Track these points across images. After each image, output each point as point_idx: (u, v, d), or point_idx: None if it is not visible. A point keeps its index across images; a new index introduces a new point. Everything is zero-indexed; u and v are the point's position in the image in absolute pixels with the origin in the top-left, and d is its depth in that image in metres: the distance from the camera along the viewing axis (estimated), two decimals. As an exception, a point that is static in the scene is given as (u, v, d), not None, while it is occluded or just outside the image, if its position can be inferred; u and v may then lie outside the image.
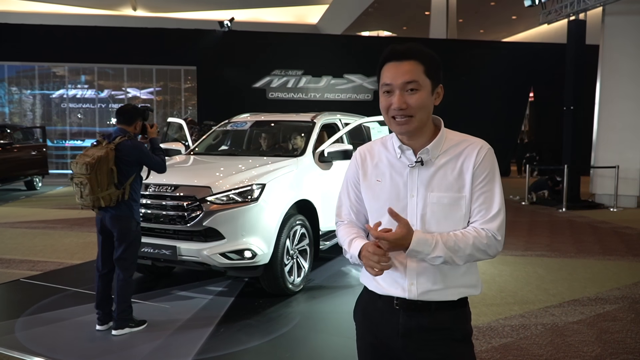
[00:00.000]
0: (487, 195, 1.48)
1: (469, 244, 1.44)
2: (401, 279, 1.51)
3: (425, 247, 1.42)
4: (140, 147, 3.70)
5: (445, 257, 1.43)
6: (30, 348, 3.42)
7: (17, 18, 18.04)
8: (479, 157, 1.49)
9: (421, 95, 1.45)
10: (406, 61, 1.45)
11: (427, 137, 1.52)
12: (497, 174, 1.52)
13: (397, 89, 1.45)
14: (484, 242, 1.46)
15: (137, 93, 16.62)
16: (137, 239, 3.75)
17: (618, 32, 10.59)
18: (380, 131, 6.54)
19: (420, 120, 1.48)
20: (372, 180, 1.58)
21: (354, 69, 16.32)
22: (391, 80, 1.46)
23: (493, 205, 1.48)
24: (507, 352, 3.42)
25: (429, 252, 1.42)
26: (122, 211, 3.63)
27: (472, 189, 1.48)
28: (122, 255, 3.65)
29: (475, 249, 1.45)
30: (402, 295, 1.51)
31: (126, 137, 3.67)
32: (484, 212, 1.48)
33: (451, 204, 1.48)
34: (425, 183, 1.50)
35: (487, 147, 1.52)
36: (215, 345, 3.49)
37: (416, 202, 1.50)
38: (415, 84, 1.44)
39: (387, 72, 1.48)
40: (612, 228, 8.21)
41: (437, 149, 1.50)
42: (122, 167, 3.59)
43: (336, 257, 5.82)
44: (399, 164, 1.54)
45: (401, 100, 1.45)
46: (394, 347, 1.54)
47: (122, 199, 3.61)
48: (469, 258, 1.46)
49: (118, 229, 3.64)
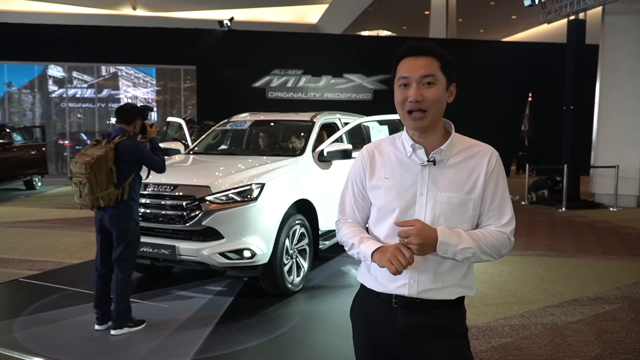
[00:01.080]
0: (500, 201, 1.54)
1: (489, 240, 1.49)
2: (402, 276, 1.51)
3: (452, 237, 1.43)
4: (139, 147, 3.68)
5: (475, 249, 1.45)
6: (28, 348, 3.41)
7: (17, 17, 18.02)
8: (490, 163, 1.53)
9: (437, 90, 1.49)
10: (423, 57, 1.49)
11: (438, 137, 1.55)
12: (505, 180, 1.57)
13: (414, 81, 1.48)
14: (500, 242, 1.51)
15: (136, 92, 16.61)
16: (136, 238, 3.73)
17: (618, 32, 10.58)
18: (380, 130, 6.52)
19: (434, 116, 1.50)
20: (380, 178, 1.58)
21: (354, 68, 16.31)
22: (409, 73, 1.49)
23: (506, 210, 1.54)
24: (507, 351, 3.41)
25: (457, 243, 1.43)
26: (121, 211, 3.62)
27: (482, 193, 1.52)
28: (121, 255, 3.64)
29: (493, 247, 1.50)
30: (401, 292, 1.52)
31: (126, 136, 3.66)
32: (499, 217, 1.54)
33: (460, 205, 1.50)
34: (436, 182, 1.51)
35: (496, 153, 1.57)
36: (215, 345, 3.49)
37: (425, 201, 1.51)
38: (432, 78, 1.48)
39: (404, 66, 1.51)
40: (612, 227, 8.21)
41: (449, 150, 1.54)
42: (121, 166, 3.57)
43: (335, 257, 5.81)
44: (409, 162, 1.55)
45: (418, 93, 1.47)
46: (392, 345, 1.55)
47: (121, 198, 3.59)
48: (490, 254, 1.50)
49: (117, 229, 3.63)
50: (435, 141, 1.54)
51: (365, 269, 1.63)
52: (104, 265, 3.74)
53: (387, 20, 22.35)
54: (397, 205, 1.53)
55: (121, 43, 15.45)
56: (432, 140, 1.54)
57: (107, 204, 3.55)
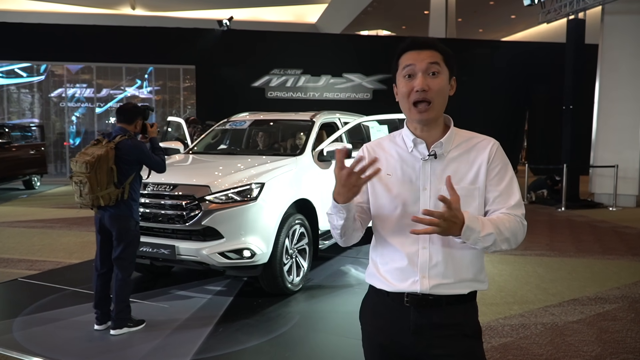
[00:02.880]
0: (506, 185, 1.51)
1: (507, 225, 1.45)
2: (412, 273, 1.49)
3: (476, 224, 1.39)
4: (140, 147, 3.68)
5: (495, 235, 1.41)
6: (28, 348, 3.41)
7: (16, 17, 18.00)
8: (492, 151, 1.53)
9: (442, 80, 1.49)
10: (426, 50, 1.50)
11: (438, 131, 1.55)
12: (510, 166, 1.55)
13: (419, 71, 1.48)
14: (516, 226, 1.47)
15: (136, 92, 16.60)
16: (135, 238, 3.72)
17: (617, 31, 10.59)
18: (380, 130, 6.52)
19: (438, 108, 1.50)
20: (383, 175, 1.56)
21: (353, 68, 16.31)
22: (414, 61, 1.49)
23: (514, 194, 1.52)
24: (507, 351, 3.41)
25: (480, 230, 1.39)
26: (121, 210, 3.61)
27: (486, 181, 1.51)
28: (121, 254, 3.63)
29: (512, 232, 1.46)
30: (413, 289, 1.49)
31: (126, 136, 3.65)
32: (506, 201, 1.50)
33: (465, 195, 1.47)
34: (439, 176, 1.51)
35: (497, 143, 1.56)
36: (214, 345, 3.48)
37: (429, 195, 1.50)
38: (437, 67, 1.49)
39: (409, 56, 1.51)
40: (611, 227, 8.21)
41: (449, 143, 1.53)
42: (122, 166, 3.57)
43: (335, 257, 5.81)
44: (410, 157, 1.55)
45: (424, 82, 1.47)
46: (405, 346, 1.52)
47: (122, 198, 3.59)
48: (508, 240, 1.45)
49: (117, 229, 3.62)
50: (436, 135, 1.54)
51: (373, 270, 1.60)
52: (104, 265, 3.73)
53: (386, 20, 22.35)
54: (400, 201, 1.52)
55: (120, 42, 15.44)
56: (433, 134, 1.54)
57: (107, 204, 3.54)
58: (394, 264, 1.53)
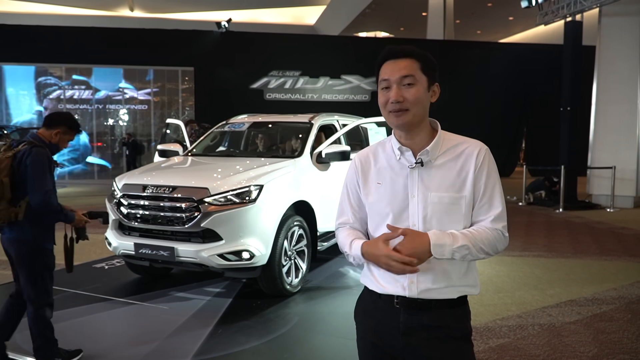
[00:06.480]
0: (489, 195, 1.54)
1: (484, 237, 1.50)
2: (401, 277, 1.52)
3: (445, 238, 1.45)
4: (38, 160, 2.91)
5: (470, 246, 1.46)
6: (26, 349, 3.41)
7: (14, 19, 18.01)
8: (479, 158, 1.54)
9: (417, 90, 1.51)
10: (403, 59, 1.53)
11: (425, 138, 1.57)
12: (496, 174, 1.57)
13: (394, 83, 1.52)
14: (495, 237, 1.52)
15: (134, 94, 16.61)
16: (41, 269, 3.01)
17: (614, 34, 10.63)
18: (378, 132, 6.54)
19: (416, 115, 1.52)
20: (373, 184, 1.61)
21: (352, 69, 16.35)
22: (389, 76, 1.53)
23: (496, 205, 1.54)
24: (504, 352, 3.43)
25: (452, 243, 1.45)
26: (16, 234, 2.97)
27: (473, 189, 1.53)
28: (25, 286, 3.02)
29: (489, 243, 1.51)
30: (402, 293, 1.53)
31: (35, 143, 2.97)
32: (489, 211, 1.54)
33: (452, 204, 1.52)
34: (426, 183, 1.53)
35: (485, 148, 1.57)
36: (213, 346, 3.49)
37: (417, 203, 1.53)
38: (412, 79, 1.51)
39: (385, 69, 1.55)
40: (609, 228, 8.24)
41: (436, 150, 1.55)
42: (19, 180, 2.92)
43: (334, 258, 5.82)
44: (398, 165, 1.58)
45: (398, 94, 1.50)
46: (395, 346, 1.56)
47: (16, 218, 2.92)
48: (486, 251, 1.51)
49: (15, 255, 3.03)
50: (422, 142, 1.56)
51: (367, 271, 1.64)
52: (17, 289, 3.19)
53: (384, 22, 22.40)
54: (390, 210, 1.55)
55: (119, 44, 15.45)
56: (419, 141, 1.56)
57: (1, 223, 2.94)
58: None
